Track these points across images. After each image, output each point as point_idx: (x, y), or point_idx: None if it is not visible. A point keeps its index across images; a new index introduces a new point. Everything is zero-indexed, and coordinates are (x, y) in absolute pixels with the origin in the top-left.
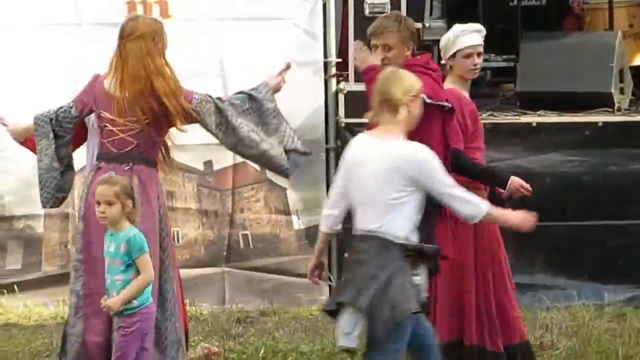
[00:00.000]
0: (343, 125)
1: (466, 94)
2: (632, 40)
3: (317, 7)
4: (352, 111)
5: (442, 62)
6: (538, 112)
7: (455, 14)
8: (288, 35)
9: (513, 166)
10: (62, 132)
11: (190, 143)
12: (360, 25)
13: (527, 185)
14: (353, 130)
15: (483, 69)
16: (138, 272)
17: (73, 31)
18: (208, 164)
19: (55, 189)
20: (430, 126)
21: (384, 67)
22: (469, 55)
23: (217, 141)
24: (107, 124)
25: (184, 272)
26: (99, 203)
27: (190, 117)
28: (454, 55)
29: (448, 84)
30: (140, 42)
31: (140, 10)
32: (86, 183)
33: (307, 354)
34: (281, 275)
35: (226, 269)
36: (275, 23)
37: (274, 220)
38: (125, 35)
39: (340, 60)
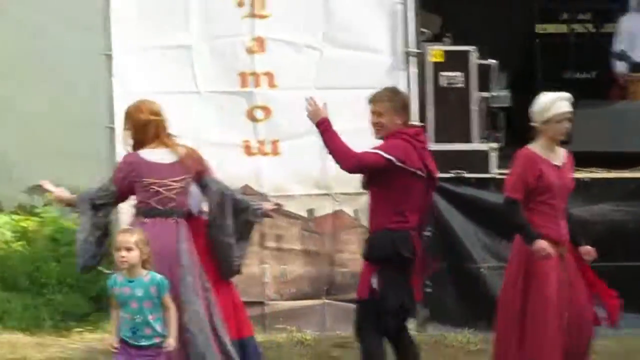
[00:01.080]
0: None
1: (551, 154)
2: None
3: (401, 78)
4: None
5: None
6: (590, 169)
7: (517, 85)
8: None
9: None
10: (102, 206)
11: (295, 193)
12: (437, 95)
13: (549, 252)
14: None
15: None
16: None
17: (191, 98)
18: (310, 211)
19: (90, 258)
20: (407, 190)
21: (376, 131)
22: (561, 121)
23: (317, 191)
24: (154, 186)
25: (291, 304)
26: (119, 249)
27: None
28: (547, 120)
29: (535, 146)
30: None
31: (250, 82)
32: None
33: None
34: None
35: (327, 300)
36: (365, 91)
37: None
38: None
39: (421, 124)
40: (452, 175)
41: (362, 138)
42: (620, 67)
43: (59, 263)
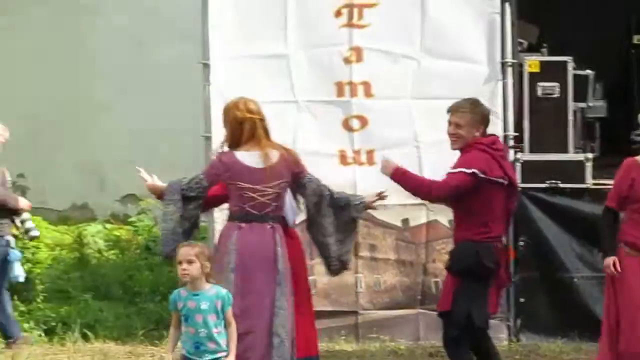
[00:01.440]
0: (519, 189)
1: None
2: None
3: (498, 88)
4: (527, 177)
5: None
6: None
7: (613, 95)
8: None
9: None
10: (192, 198)
11: (390, 203)
12: (533, 105)
13: (614, 269)
14: (528, 194)
15: (639, 142)
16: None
17: (289, 108)
18: (405, 221)
19: (174, 249)
20: (490, 200)
21: (452, 142)
22: None
23: (412, 201)
24: (248, 192)
25: (385, 313)
26: (181, 262)
27: (298, 187)
28: None
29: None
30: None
31: (347, 91)
32: (231, 241)
33: None
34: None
35: (420, 310)
36: None
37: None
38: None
39: (517, 134)
40: (547, 185)
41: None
42: None
43: (152, 272)
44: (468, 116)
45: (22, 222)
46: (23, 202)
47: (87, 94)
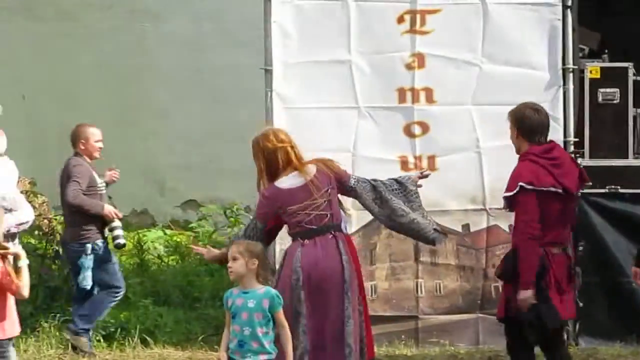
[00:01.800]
0: (579, 194)
1: None
2: None
3: (559, 94)
4: None
5: None
6: None
7: None
8: None
9: None
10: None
11: (451, 209)
12: (594, 111)
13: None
14: (588, 199)
15: None
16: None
17: (351, 114)
18: (466, 226)
19: None
20: (541, 207)
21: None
22: None
23: (473, 206)
24: (300, 211)
25: (445, 318)
26: (228, 261)
27: (346, 192)
28: None
29: None
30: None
31: (408, 97)
32: (296, 257)
33: None
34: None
35: (480, 315)
36: None
37: None
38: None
39: (577, 139)
40: (607, 190)
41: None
42: None
43: (212, 277)
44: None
45: (111, 230)
46: (108, 209)
47: (147, 99)
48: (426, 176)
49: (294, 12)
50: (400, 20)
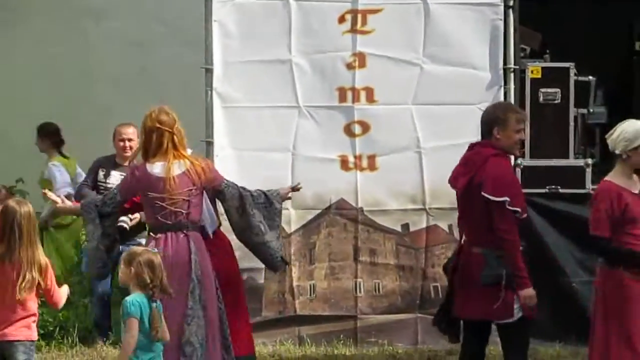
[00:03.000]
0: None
1: (630, 182)
2: None
3: (500, 94)
4: (527, 182)
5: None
6: None
7: (614, 101)
8: (474, 117)
9: None
10: (107, 214)
11: (390, 208)
12: (535, 111)
13: None
14: (528, 198)
15: None
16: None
17: (291, 113)
18: (405, 226)
19: (101, 266)
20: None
21: None
22: None
23: (413, 206)
24: (158, 202)
25: (384, 318)
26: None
27: (217, 195)
28: (636, 148)
29: (614, 176)
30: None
31: (349, 97)
32: None
33: None
34: None
35: (419, 315)
36: (464, 107)
37: None
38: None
39: None
40: (547, 190)
41: (458, 154)
42: None
43: None
44: None
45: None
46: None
47: (91, 97)
48: (298, 189)
49: (235, 11)
50: (342, 20)
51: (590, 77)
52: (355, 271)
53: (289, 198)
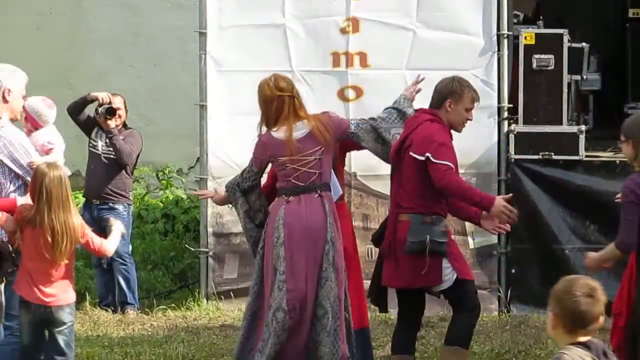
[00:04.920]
0: (513, 161)
1: None
2: None
3: (493, 60)
4: (520, 149)
5: None
6: None
7: (608, 68)
8: None
9: None
10: (250, 189)
11: (383, 173)
12: (528, 77)
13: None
14: (521, 165)
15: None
16: None
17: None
18: None
19: (255, 244)
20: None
21: None
22: None
23: None
24: (289, 164)
25: None
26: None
27: (350, 140)
28: None
29: None
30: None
31: (342, 61)
32: (279, 215)
33: (479, 354)
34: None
35: None
36: (458, 73)
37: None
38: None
39: (511, 105)
40: (540, 157)
41: None
42: None
43: (143, 240)
44: None
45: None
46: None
47: (85, 62)
48: (422, 80)
49: None
50: None
51: (584, 44)
52: None
53: (419, 91)
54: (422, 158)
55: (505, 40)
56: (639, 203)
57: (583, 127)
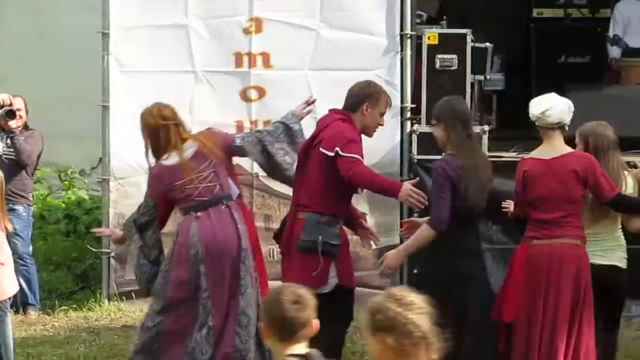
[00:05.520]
0: (415, 161)
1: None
2: None
3: (396, 60)
4: (423, 149)
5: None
6: None
7: (511, 68)
8: None
9: None
10: (147, 224)
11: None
12: (431, 77)
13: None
14: (424, 165)
15: None
16: None
17: (187, 78)
18: None
19: (149, 281)
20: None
21: None
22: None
23: None
24: (187, 185)
25: (277, 284)
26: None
27: (236, 153)
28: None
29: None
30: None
31: (245, 62)
32: (192, 232)
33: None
34: (361, 288)
35: None
36: (361, 73)
37: (356, 240)
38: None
39: (414, 105)
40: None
41: None
42: (614, 52)
43: (45, 241)
44: None
45: None
46: None
47: None
48: (313, 102)
49: None
50: None
51: (487, 44)
52: None
53: (309, 112)
54: (332, 153)
55: (409, 40)
56: (451, 183)
57: (486, 127)
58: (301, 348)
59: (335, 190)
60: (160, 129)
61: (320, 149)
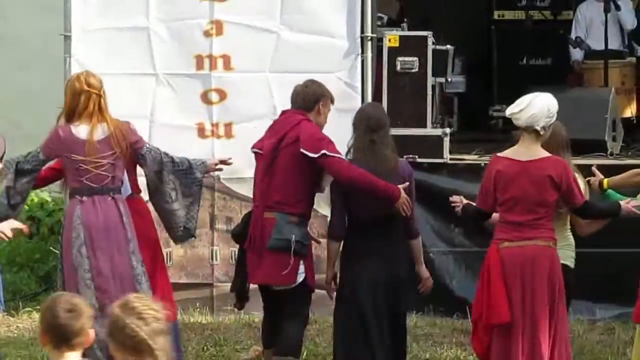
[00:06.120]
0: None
1: None
2: (624, 95)
3: (357, 63)
4: None
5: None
6: None
7: (473, 71)
8: (331, 86)
9: None
10: (26, 172)
11: (248, 177)
12: (392, 80)
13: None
14: None
15: (496, 118)
16: None
17: (148, 80)
18: None
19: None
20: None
21: None
22: None
23: None
24: (83, 164)
25: None
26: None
27: (137, 159)
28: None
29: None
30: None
31: (206, 64)
32: (76, 215)
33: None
34: (322, 290)
35: None
36: (321, 76)
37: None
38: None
39: None
40: (405, 159)
41: None
42: (576, 54)
43: (9, 243)
44: None
45: None
46: None
47: None
48: (229, 164)
49: None
50: None
51: (449, 46)
52: (212, 239)
53: (219, 169)
54: (315, 155)
55: (369, 43)
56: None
57: (447, 130)
58: (76, 356)
59: (308, 190)
60: (82, 93)
61: (301, 149)
